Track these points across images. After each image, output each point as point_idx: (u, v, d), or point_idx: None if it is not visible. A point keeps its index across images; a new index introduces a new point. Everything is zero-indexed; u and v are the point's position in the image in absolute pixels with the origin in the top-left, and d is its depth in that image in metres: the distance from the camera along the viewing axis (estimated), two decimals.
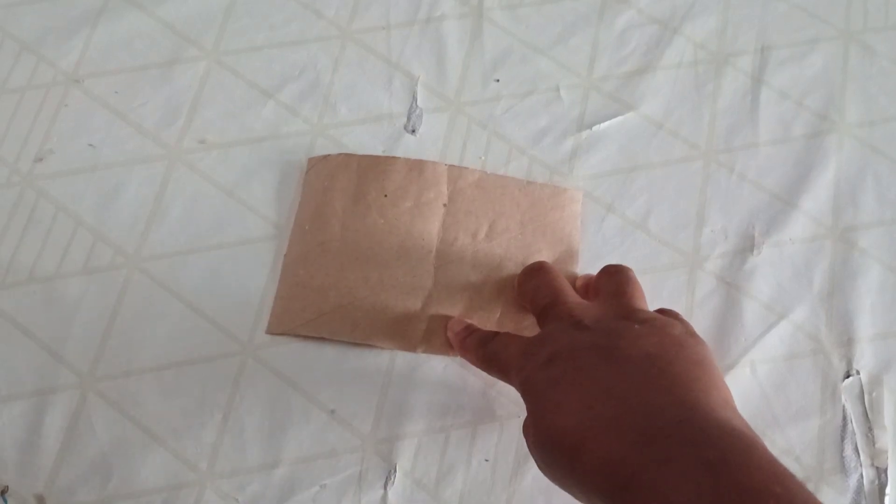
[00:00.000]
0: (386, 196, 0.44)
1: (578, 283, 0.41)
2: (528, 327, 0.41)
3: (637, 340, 0.32)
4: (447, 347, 0.41)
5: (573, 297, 0.37)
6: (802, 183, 0.45)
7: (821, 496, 0.39)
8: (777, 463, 0.27)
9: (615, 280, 0.37)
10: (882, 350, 0.42)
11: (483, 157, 0.46)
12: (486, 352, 0.37)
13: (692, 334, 0.33)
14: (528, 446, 0.34)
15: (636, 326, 0.32)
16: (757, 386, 0.41)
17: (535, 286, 0.38)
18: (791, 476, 0.26)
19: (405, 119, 0.47)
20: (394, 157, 0.45)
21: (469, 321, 0.40)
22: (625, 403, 0.29)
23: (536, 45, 0.49)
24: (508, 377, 0.35)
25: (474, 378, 0.41)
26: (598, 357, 0.31)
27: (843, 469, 0.40)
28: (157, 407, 0.40)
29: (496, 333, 0.38)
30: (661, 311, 0.37)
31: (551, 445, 0.31)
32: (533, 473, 0.39)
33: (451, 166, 0.45)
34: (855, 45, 0.49)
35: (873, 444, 0.40)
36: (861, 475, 0.39)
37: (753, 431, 0.29)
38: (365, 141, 0.46)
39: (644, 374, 0.30)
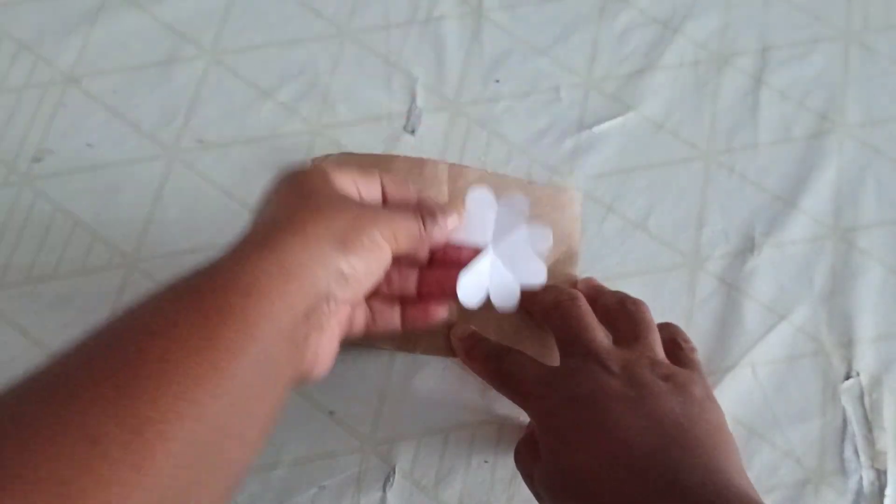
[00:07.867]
0: None
1: (580, 286, 0.41)
2: (528, 339, 0.41)
3: (662, 397, 0.32)
4: (447, 349, 0.41)
5: (600, 336, 0.36)
6: (803, 183, 0.45)
7: (821, 497, 0.39)
8: None
9: (635, 320, 0.37)
10: (882, 351, 0.42)
11: (483, 158, 0.46)
12: (500, 369, 0.36)
13: (710, 397, 0.34)
14: (531, 481, 0.34)
15: (661, 382, 0.33)
16: (758, 387, 0.41)
17: (562, 315, 0.38)
18: None
19: (404, 119, 0.46)
20: (394, 156, 0.44)
21: (473, 328, 0.40)
22: (649, 458, 0.30)
23: (536, 44, 0.49)
24: (522, 400, 0.35)
25: (473, 379, 0.41)
26: (625, 408, 0.32)
27: (843, 470, 0.39)
28: None
29: (509, 350, 0.37)
30: (662, 327, 0.37)
31: (566, 487, 0.31)
32: None
33: (451, 165, 0.44)
34: (855, 46, 0.49)
35: (873, 446, 0.40)
36: (861, 477, 0.39)
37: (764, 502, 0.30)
38: (364, 141, 0.46)
39: (670, 432, 0.31)
